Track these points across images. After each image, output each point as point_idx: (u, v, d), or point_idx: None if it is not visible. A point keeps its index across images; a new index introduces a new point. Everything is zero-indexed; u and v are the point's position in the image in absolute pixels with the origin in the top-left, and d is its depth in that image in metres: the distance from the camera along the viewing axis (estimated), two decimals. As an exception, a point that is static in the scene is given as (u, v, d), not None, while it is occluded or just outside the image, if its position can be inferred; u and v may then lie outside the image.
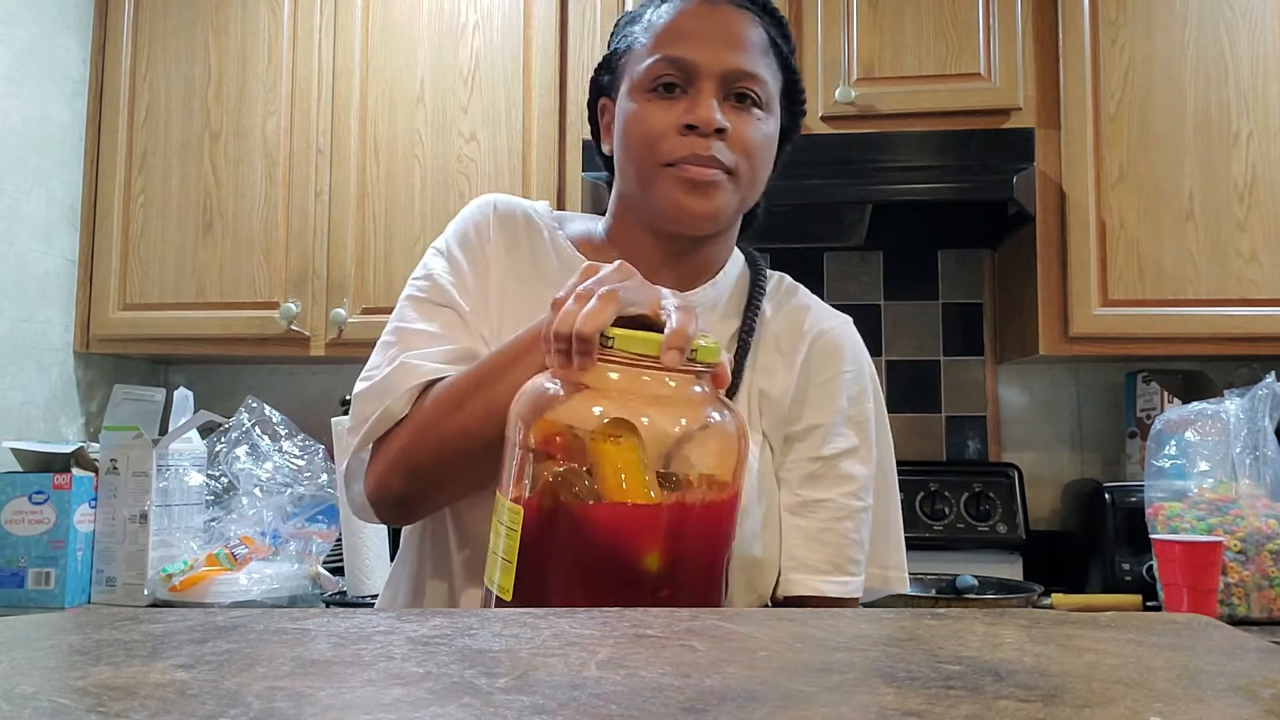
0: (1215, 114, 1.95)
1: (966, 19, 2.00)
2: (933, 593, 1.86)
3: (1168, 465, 1.70)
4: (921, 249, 2.34)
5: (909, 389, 2.31)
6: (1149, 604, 1.74)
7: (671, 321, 0.67)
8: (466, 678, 0.38)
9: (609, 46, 0.97)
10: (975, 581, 1.84)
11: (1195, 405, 1.72)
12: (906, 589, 1.00)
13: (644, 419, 0.67)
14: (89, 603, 1.84)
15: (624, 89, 0.92)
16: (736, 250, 1.00)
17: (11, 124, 2.03)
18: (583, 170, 2.03)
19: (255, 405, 1.95)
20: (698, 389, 0.69)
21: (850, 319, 1.01)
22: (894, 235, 2.24)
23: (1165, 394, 2.08)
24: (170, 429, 1.95)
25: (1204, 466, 1.68)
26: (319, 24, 2.17)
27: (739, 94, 0.89)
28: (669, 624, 0.52)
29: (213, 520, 1.92)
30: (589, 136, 1.11)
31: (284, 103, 2.16)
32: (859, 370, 0.96)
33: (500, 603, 0.68)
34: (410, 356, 0.88)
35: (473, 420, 0.81)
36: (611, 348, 0.67)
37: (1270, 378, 1.66)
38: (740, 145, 0.88)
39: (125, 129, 2.21)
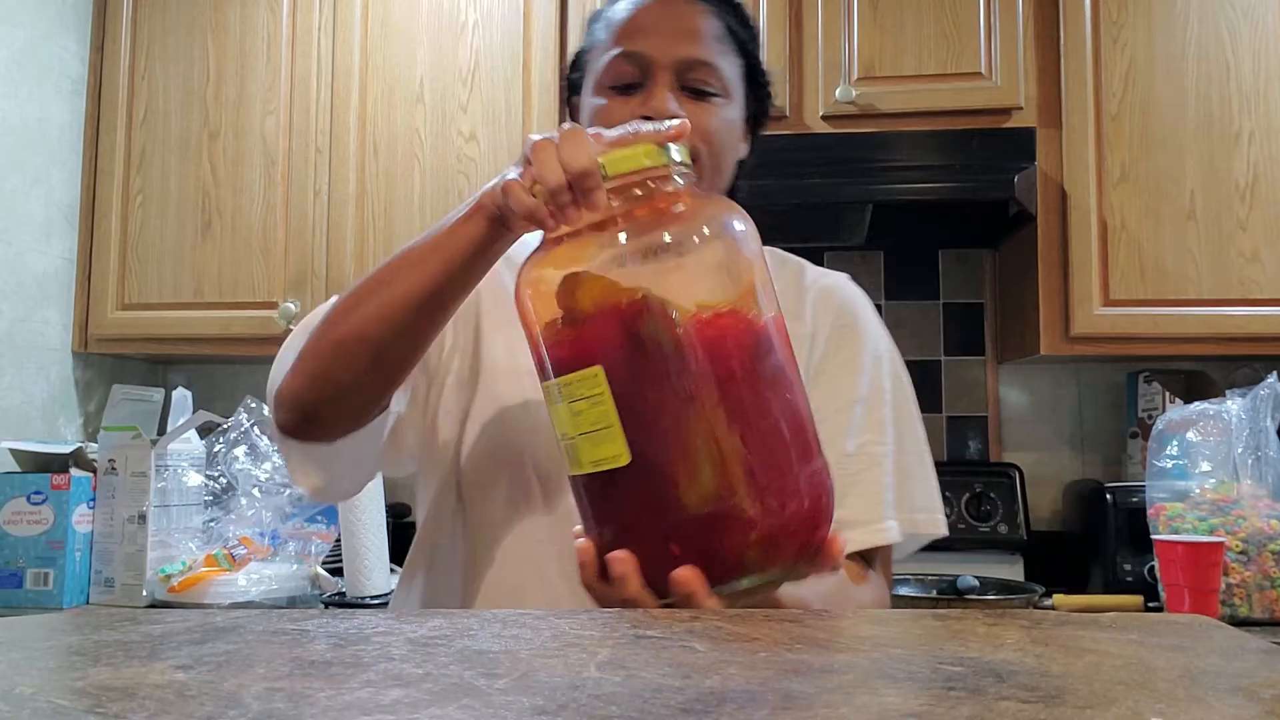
0: (1217, 113, 1.94)
1: (967, 18, 2.00)
2: (933, 593, 1.86)
3: (1169, 465, 1.69)
4: (922, 249, 2.33)
5: (909, 389, 2.30)
6: (1150, 605, 1.74)
7: (642, 128, 0.68)
8: (466, 679, 0.38)
9: (582, 46, 0.99)
10: (976, 582, 1.83)
11: (1197, 405, 1.72)
12: (941, 532, 0.99)
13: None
14: (87, 603, 1.83)
15: (588, 85, 0.94)
16: None
17: (10, 123, 2.03)
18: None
19: (254, 405, 1.95)
20: (680, 207, 0.66)
21: (848, 275, 1.05)
22: (894, 235, 2.23)
23: (1167, 394, 2.07)
24: (169, 429, 1.95)
25: (1205, 467, 1.67)
26: (318, 23, 2.17)
27: (695, 86, 0.90)
28: (669, 624, 0.51)
29: (211, 521, 1.91)
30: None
31: (283, 102, 2.16)
32: (871, 336, 1.00)
33: (602, 478, 0.63)
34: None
35: (365, 322, 0.78)
36: (606, 175, 0.65)
37: (1272, 378, 1.66)
38: (699, 132, 0.88)
39: (124, 128, 2.21)
